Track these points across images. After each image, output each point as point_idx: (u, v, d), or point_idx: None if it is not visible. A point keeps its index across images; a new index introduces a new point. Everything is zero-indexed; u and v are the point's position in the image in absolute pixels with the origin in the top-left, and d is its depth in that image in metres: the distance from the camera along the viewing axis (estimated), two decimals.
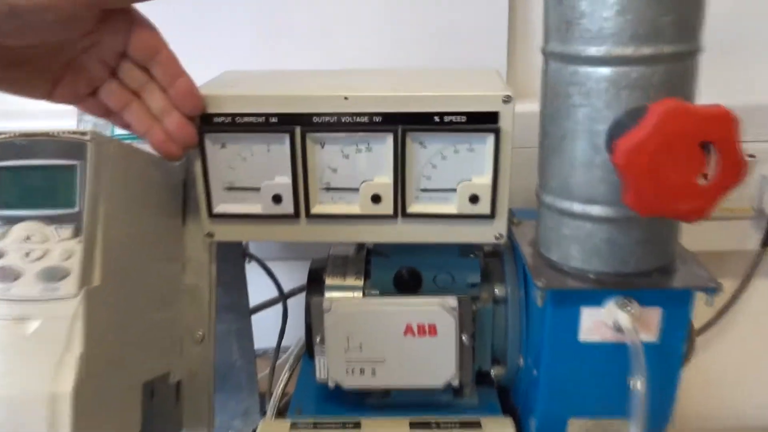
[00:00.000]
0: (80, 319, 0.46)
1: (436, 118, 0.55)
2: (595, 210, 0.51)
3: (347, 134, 0.56)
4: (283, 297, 0.84)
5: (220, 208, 0.60)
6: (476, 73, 0.65)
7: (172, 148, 0.55)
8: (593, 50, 0.47)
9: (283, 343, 0.90)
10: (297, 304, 0.86)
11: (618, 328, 0.50)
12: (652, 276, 0.52)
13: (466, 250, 0.67)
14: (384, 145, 0.57)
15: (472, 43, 0.82)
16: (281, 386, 0.79)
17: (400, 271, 0.65)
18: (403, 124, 0.55)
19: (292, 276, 0.91)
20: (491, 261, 0.68)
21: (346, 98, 0.55)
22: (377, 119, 0.55)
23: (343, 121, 0.56)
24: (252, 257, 0.79)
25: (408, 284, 0.65)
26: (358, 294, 0.65)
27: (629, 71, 0.47)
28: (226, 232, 0.61)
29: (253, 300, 0.85)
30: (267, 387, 0.89)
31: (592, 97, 0.48)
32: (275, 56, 0.81)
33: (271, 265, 0.86)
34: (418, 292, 0.65)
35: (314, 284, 0.68)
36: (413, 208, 0.59)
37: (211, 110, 0.56)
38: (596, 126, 0.49)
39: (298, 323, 0.73)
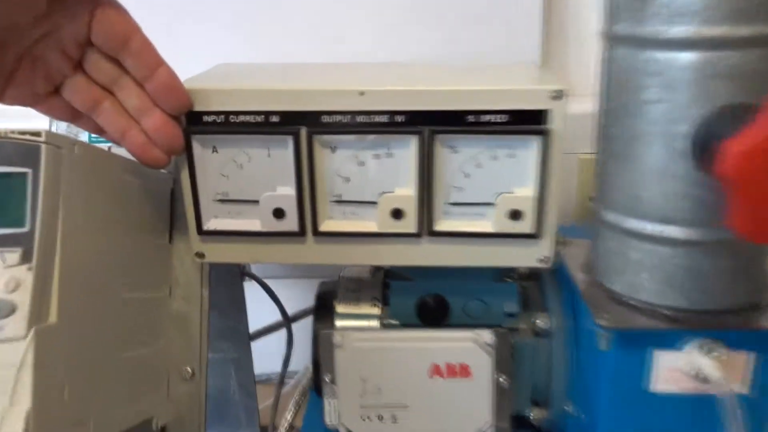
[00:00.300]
0: (29, 366, 0.37)
1: (471, 118, 0.45)
2: (673, 231, 0.41)
3: (363, 136, 0.47)
4: (287, 321, 0.74)
5: (211, 224, 0.50)
6: (513, 66, 0.56)
7: (154, 153, 0.46)
8: (676, 31, 0.37)
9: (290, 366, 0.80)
10: (304, 327, 0.77)
11: (701, 378, 0.40)
12: (743, 314, 0.41)
13: (500, 273, 0.57)
14: (407, 150, 0.47)
15: (499, 33, 0.71)
16: (287, 423, 0.69)
17: (425, 298, 0.55)
18: (431, 125, 0.46)
19: (298, 296, 0.81)
20: (529, 285, 0.58)
21: (361, 93, 0.45)
22: (399, 119, 0.46)
23: (358, 120, 0.46)
24: (251, 276, 0.70)
25: (434, 314, 0.55)
26: (375, 324, 0.56)
27: (722, 57, 0.37)
28: (219, 252, 0.52)
29: (254, 323, 0.75)
30: (270, 420, 0.79)
31: (672, 90, 0.38)
32: (273, 52, 0.70)
33: (273, 284, 0.76)
34: (446, 323, 0.56)
35: (323, 311, 0.58)
36: (441, 225, 0.49)
37: (200, 107, 0.46)
38: (676, 127, 0.39)
39: (304, 346, 0.63)
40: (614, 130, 0.43)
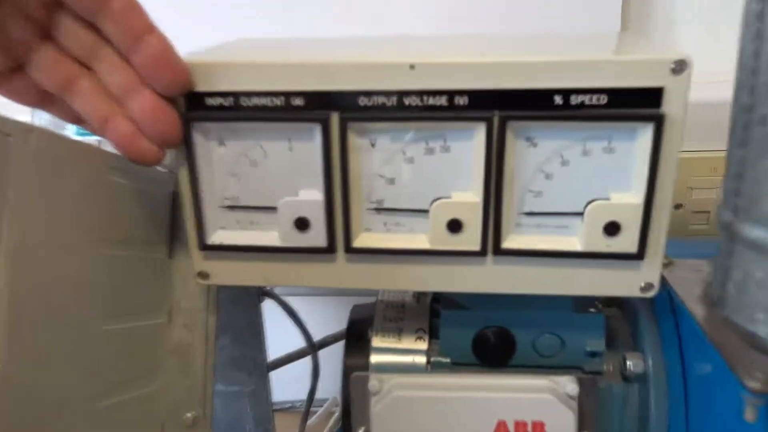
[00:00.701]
0: None
1: (558, 99, 0.34)
2: None
3: (412, 125, 0.35)
4: (313, 349, 0.63)
5: (216, 236, 0.40)
6: (602, 36, 0.44)
7: (142, 145, 0.36)
8: None
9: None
10: (334, 351, 0.66)
11: None
12: None
13: (581, 299, 0.45)
14: (470, 143, 0.36)
15: (571, 3, 0.59)
16: None
17: (485, 331, 0.44)
18: (503, 109, 0.34)
19: (325, 316, 0.70)
20: (613, 314, 0.47)
21: (411, 67, 0.34)
22: (461, 101, 0.35)
23: (406, 103, 0.35)
24: (271, 296, 0.59)
25: (496, 351, 0.44)
26: (421, 361, 0.45)
27: None
28: (227, 273, 0.41)
29: (274, 348, 0.64)
30: None
31: None
32: (295, 26, 0.59)
33: (296, 302, 0.65)
34: (510, 363, 0.44)
35: (355, 343, 0.47)
36: (512, 241, 0.38)
37: (202, 87, 0.36)
38: None
39: (334, 370, 0.53)
40: (757, 118, 0.31)
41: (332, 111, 0.36)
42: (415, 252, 0.38)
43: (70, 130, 0.49)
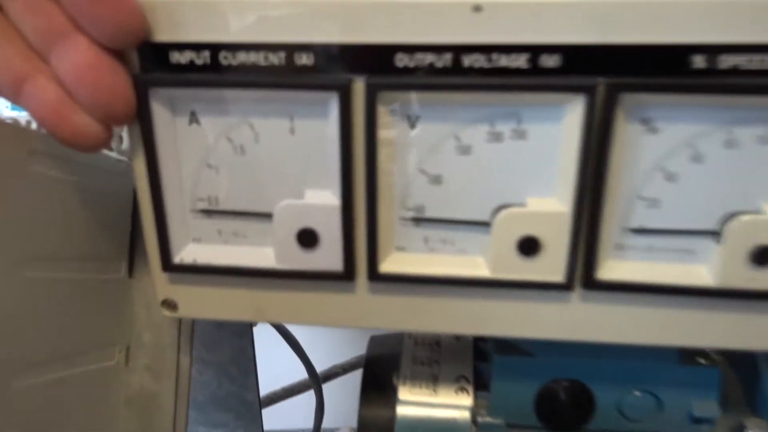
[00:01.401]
0: None
1: (697, 60, 0.22)
2: None
3: (473, 97, 0.24)
4: (317, 383, 0.51)
5: (188, 252, 0.28)
6: None
7: (76, 120, 0.24)
8: None
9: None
10: (343, 383, 0.55)
11: None
12: None
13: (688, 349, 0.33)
14: (558, 125, 0.24)
15: None
16: None
17: (553, 385, 0.32)
18: (612, 75, 0.23)
19: (331, 340, 0.59)
20: (718, 363, 0.35)
21: (477, 8, 0.23)
22: (549, 61, 0.23)
23: (465, 64, 0.23)
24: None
25: (567, 413, 0.32)
26: (464, 420, 0.33)
27: None
28: (201, 303, 0.29)
29: (266, 377, 0.53)
30: None
31: None
32: None
33: (297, 328, 0.53)
34: (586, 429, 0.33)
35: (375, 390, 0.36)
36: (611, 269, 0.26)
37: (166, 35, 0.24)
38: None
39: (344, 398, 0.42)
40: None
41: (356, 74, 0.24)
42: (468, 282, 0.27)
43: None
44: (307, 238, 0.27)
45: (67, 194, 0.29)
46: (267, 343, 0.50)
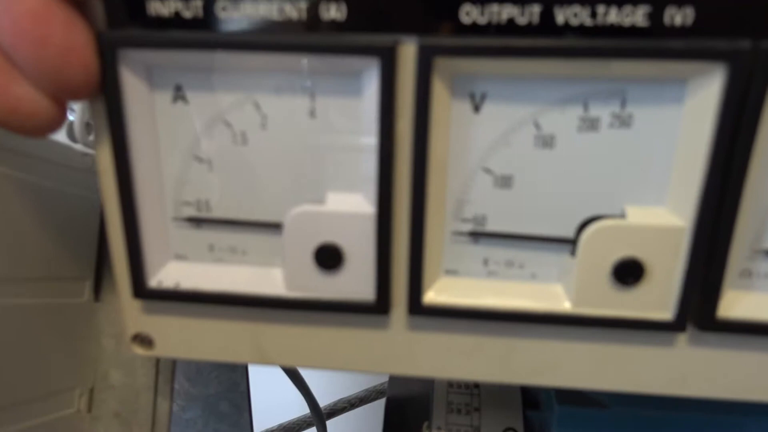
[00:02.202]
0: None
1: None
2: None
3: (563, 67, 0.17)
4: (319, 419, 0.44)
5: (168, 273, 0.21)
6: None
7: (17, 91, 0.17)
8: None
9: None
10: (349, 420, 0.47)
11: None
12: None
13: None
14: (678, 109, 0.18)
15: None
16: None
17: None
18: (763, 36, 0.16)
19: (335, 372, 0.51)
20: None
21: None
22: (677, 17, 0.16)
23: (557, 21, 0.17)
24: None
25: None
26: None
27: None
28: (185, 339, 0.22)
29: (263, 416, 0.46)
30: None
31: None
32: None
33: None
34: None
35: None
36: (735, 304, 0.20)
37: None
38: None
39: None
40: None
41: (403, 33, 0.17)
42: (542, 318, 0.20)
43: None
44: (329, 257, 0.20)
45: (15, 196, 0.22)
46: (262, 373, 0.43)
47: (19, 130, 0.18)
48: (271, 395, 0.45)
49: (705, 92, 0.17)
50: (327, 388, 0.46)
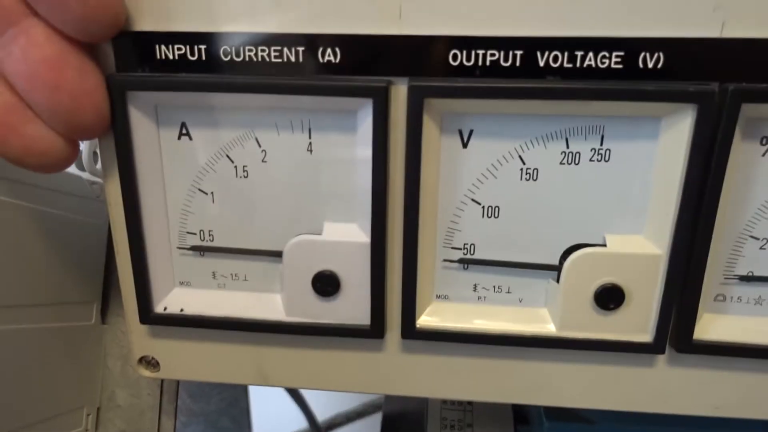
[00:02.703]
0: None
1: None
2: None
3: (545, 106, 0.18)
4: None
5: (173, 300, 0.22)
6: None
7: (29, 132, 0.19)
8: None
9: None
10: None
11: None
12: None
13: None
14: (654, 145, 0.19)
15: None
16: None
17: None
18: (731, 79, 0.17)
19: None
20: None
21: None
22: (649, 60, 0.18)
23: (540, 63, 0.18)
24: None
25: None
26: None
27: None
28: (189, 362, 0.24)
29: (263, 430, 0.47)
30: None
31: None
32: None
33: None
34: None
35: None
36: (710, 327, 0.21)
37: (149, 23, 0.19)
38: None
39: None
40: None
41: (395, 76, 0.19)
42: (529, 341, 0.21)
43: None
44: (326, 284, 0.21)
45: (26, 225, 0.23)
46: (262, 390, 0.44)
47: (34, 168, 0.19)
48: (271, 411, 0.46)
49: (677, 129, 0.19)
50: (325, 402, 0.47)
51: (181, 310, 0.22)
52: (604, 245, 0.20)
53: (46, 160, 0.19)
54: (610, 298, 0.20)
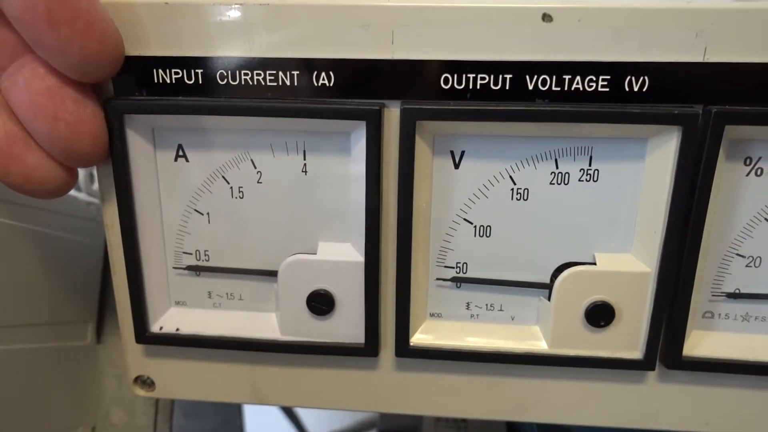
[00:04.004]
0: None
1: None
2: None
3: (534, 128, 0.19)
4: None
5: (169, 319, 0.23)
6: None
7: (29, 161, 0.19)
8: None
9: None
10: None
11: None
12: None
13: None
14: (640, 165, 0.20)
15: None
16: None
17: None
18: (714, 102, 0.18)
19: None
20: None
21: (546, 17, 0.18)
22: (635, 83, 0.18)
23: (529, 87, 0.18)
24: None
25: None
26: None
27: None
28: (185, 381, 0.24)
29: None
30: None
31: None
32: None
33: None
34: None
35: None
36: (699, 343, 0.21)
37: (147, 49, 0.19)
38: None
39: None
40: None
41: (388, 99, 0.19)
42: (521, 358, 0.21)
43: None
44: (321, 303, 0.21)
45: (23, 247, 0.23)
46: (256, 407, 0.44)
47: (33, 195, 0.20)
48: (265, 429, 0.46)
49: (663, 150, 0.19)
50: (319, 420, 0.47)
51: (177, 329, 0.22)
52: (594, 263, 0.21)
53: (45, 187, 0.19)
54: (600, 315, 0.21)
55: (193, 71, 0.19)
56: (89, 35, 0.17)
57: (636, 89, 0.18)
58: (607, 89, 0.18)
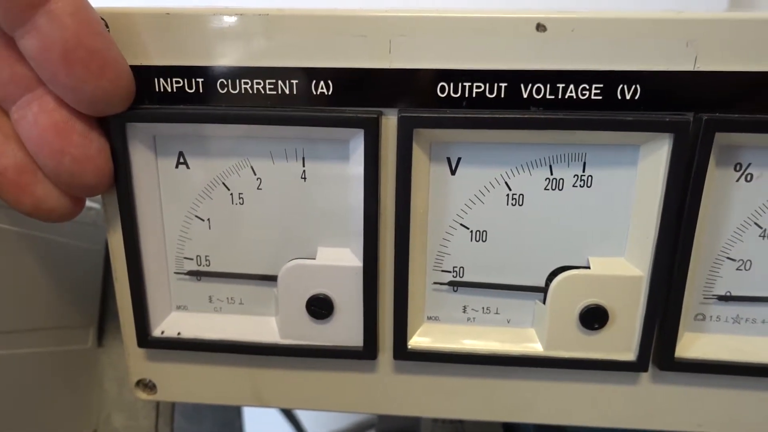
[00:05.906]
0: None
1: None
2: None
3: (530, 135, 0.19)
4: None
5: (170, 324, 0.23)
6: None
7: (37, 192, 0.20)
8: None
9: None
10: None
11: None
12: None
13: None
14: (632, 171, 0.20)
15: None
16: None
17: None
18: (706, 110, 0.18)
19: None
20: None
21: (540, 27, 0.18)
22: (627, 92, 0.18)
23: (524, 95, 0.19)
24: None
25: None
26: None
27: None
28: (186, 384, 0.24)
29: None
30: None
31: None
32: None
33: None
34: None
35: None
36: (691, 345, 0.22)
37: (148, 58, 0.19)
38: None
39: None
40: None
41: (386, 107, 0.20)
42: (517, 360, 0.22)
43: None
44: (320, 307, 0.22)
45: (24, 252, 0.23)
46: (256, 410, 0.44)
47: (42, 220, 0.20)
48: (265, 431, 0.46)
49: (655, 157, 0.19)
50: (318, 421, 0.48)
51: (179, 333, 0.23)
52: (588, 267, 0.21)
53: (53, 216, 0.20)
54: (594, 318, 0.21)
55: (194, 80, 0.20)
56: (103, 75, 0.18)
57: (628, 97, 0.19)
58: (600, 97, 0.19)
